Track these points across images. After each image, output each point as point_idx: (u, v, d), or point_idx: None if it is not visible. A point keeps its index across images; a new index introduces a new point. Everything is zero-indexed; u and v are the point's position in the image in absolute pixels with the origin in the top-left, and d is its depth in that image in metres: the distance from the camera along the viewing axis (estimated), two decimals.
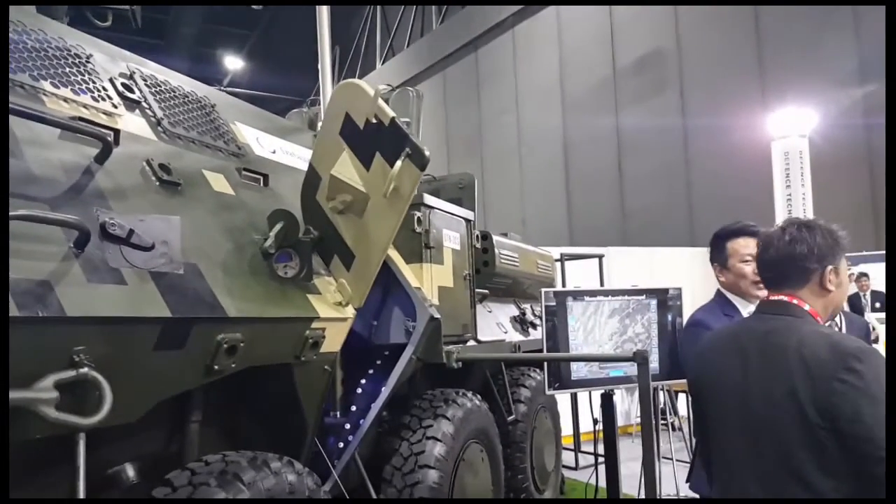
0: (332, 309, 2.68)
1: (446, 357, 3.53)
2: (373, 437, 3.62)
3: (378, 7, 24.09)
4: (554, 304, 3.82)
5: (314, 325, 2.57)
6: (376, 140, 2.39)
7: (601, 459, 3.97)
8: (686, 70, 13.23)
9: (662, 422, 5.37)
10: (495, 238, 4.99)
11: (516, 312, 5.41)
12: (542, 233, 14.08)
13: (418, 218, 3.63)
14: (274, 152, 3.22)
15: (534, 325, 5.42)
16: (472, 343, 4.16)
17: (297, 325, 2.48)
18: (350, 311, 2.79)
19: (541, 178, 16.42)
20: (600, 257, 7.25)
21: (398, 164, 2.28)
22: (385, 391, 3.44)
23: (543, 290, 3.84)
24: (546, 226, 15.46)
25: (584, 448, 7.08)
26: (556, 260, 6.81)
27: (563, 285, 6.86)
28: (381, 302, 3.69)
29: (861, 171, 10.04)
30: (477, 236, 4.37)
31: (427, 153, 2.26)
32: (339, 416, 3.56)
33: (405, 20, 22.68)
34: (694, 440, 2.42)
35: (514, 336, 4.99)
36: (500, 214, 16.61)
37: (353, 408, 3.55)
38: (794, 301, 1.92)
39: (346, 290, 2.75)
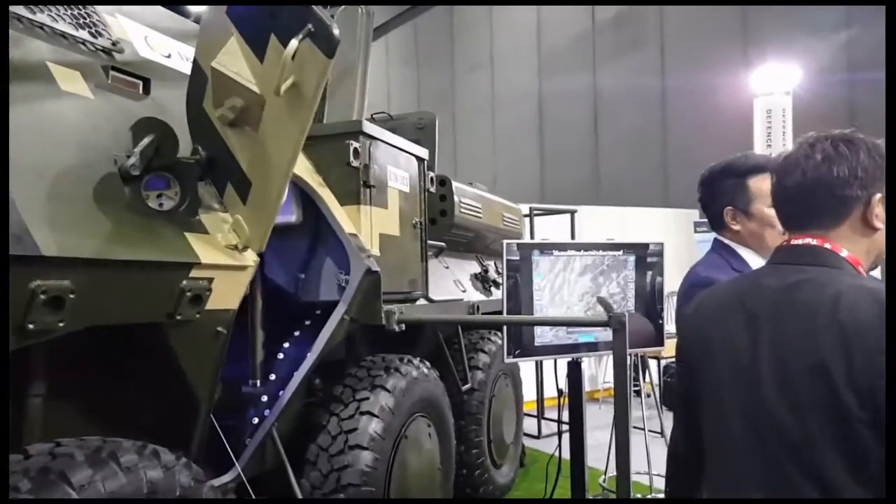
0: (222, 254, 2.06)
1: (386, 318, 2.94)
2: (297, 410, 3.04)
3: None
4: (517, 258, 3.24)
5: (194, 273, 1.95)
6: (273, 18, 1.74)
7: (566, 428, 3.46)
8: (666, 25, 12.65)
9: (635, 387, 4.86)
10: (455, 184, 4.37)
11: (478, 269, 4.84)
12: (514, 192, 13.44)
13: (355, 149, 2.99)
14: (168, 56, 2.54)
15: (496, 284, 4.86)
16: (421, 302, 3.58)
17: (165, 272, 1.86)
18: (249, 258, 2.17)
19: (514, 136, 15.80)
20: (572, 213, 6.69)
21: (293, 44, 1.63)
22: (310, 357, 2.86)
23: (506, 241, 3.25)
24: (518, 185, 14.88)
25: (547, 414, 6.64)
26: (525, 215, 6.24)
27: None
28: (309, 251, 3.08)
29: (843, 128, 9.60)
30: (432, 179, 3.75)
31: (336, 32, 1.61)
32: (258, 385, 2.97)
33: None
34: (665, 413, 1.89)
35: (474, 295, 4.42)
36: (470, 172, 15.92)
37: (273, 376, 2.96)
38: (827, 245, 1.38)
39: (242, 229, 2.12)
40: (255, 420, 2.86)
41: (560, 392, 3.65)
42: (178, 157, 2.00)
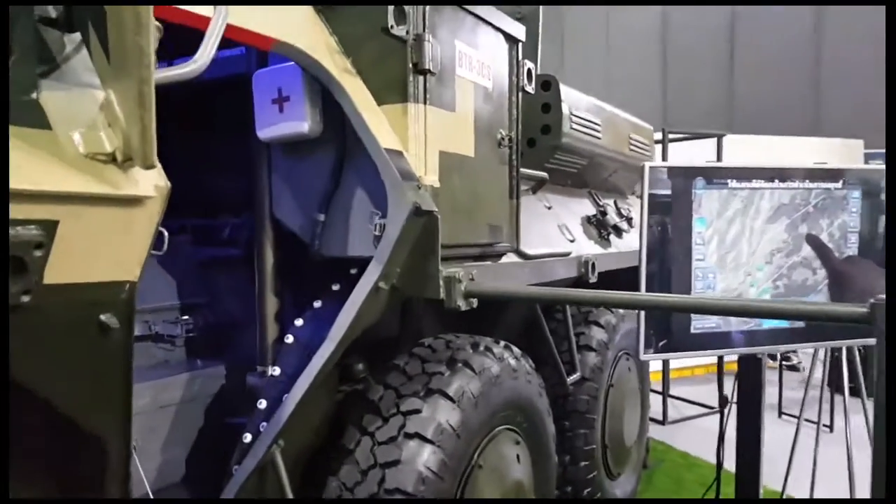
0: (78, 173, 0.98)
1: (446, 289, 1.80)
2: (324, 412, 2.02)
3: None
4: (667, 192, 1.98)
5: (14, 213, 0.89)
6: None
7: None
8: None
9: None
10: (566, 89, 3.09)
11: (592, 211, 3.58)
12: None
13: (401, 8, 1.81)
14: None
15: (618, 231, 3.59)
16: (509, 259, 2.41)
17: None
18: (143, 182, 1.08)
19: (631, 52, 13.80)
20: (719, 137, 5.17)
21: None
22: (327, 345, 1.79)
23: (648, 164, 1.99)
24: (634, 109, 13.09)
25: (675, 389, 5.35)
26: (657, 141, 4.81)
27: None
28: (331, 179, 1.97)
29: None
30: (530, 73, 2.49)
31: None
32: (267, 373, 1.97)
33: None
34: None
35: (586, 247, 3.19)
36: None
37: (277, 370, 1.93)
38: None
39: (117, 121, 1.03)
40: (262, 426, 1.86)
41: (724, 401, 2.37)
42: None
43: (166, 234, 1.42)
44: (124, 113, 1.01)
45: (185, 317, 2.39)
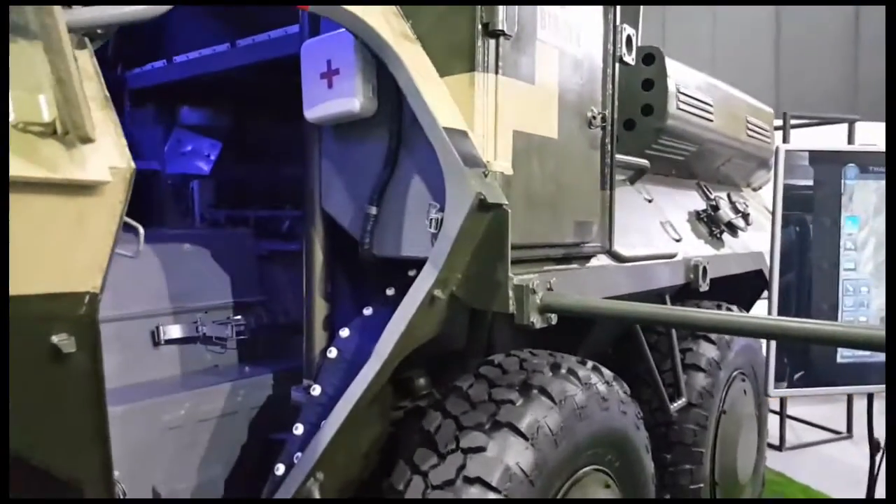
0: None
1: (516, 302, 1.45)
2: (363, 442, 1.73)
3: None
4: (808, 182, 1.54)
5: None
6: None
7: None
8: None
9: None
10: (672, 63, 2.65)
11: (701, 205, 3.10)
12: None
13: None
14: None
15: (733, 228, 3.09)
16: (600, 262, 2.02)
17: None
18: (97, 166, 0.81)
19: (740, 33, 12.72)
20: (851, 123, 4.47)
21: None
22: (373, 363, 1.50)
23: (784, 147, 1.55)
24: (743, 90, 12.10)
25: (793, 409, 4.71)
26: (776, 128, 4.19)
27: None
28: (385, 165, 1.66)
29: None
30: (630, 41, 2.08)
31: None
32: (312, 388, 1.71)
33: None
34: None
35: (696, 248, 2.73)
36: None
37: (317, 389, 1.65)
38: None
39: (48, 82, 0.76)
40: (296, 457, 1.61)
41: (875, 446, 1.87)
42: None
43: (141, 231, 1.16)
44: (56, 79, 0.74)
45: (238, 317, 2.19)
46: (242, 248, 2.42)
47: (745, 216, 3.28)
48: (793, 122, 4.35)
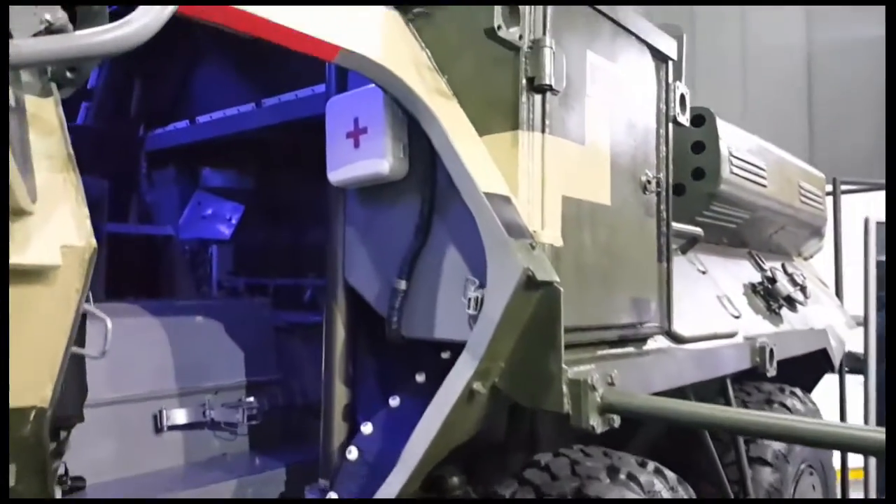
0: None
1: (572, 399, 1.21)
2: None
3: None
4: None
5: None
6: None
7: None
8: None
9: None
10: (723, 125, 2.46)
11: (756, 276, 2.85)
12: None
13: (512, 9, 1.31)
14: None
15: (792, 303, 2.82)
16: (657, 345, 1.78)
17: None
18: (44, 246, 0.62)
19: (772, 97, 12.67)
20: None
21: None
22: (401, 472, 1.26)
23: (874, 218, 1.34)
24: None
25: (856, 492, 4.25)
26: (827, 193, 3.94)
27: (837, 231, 3.96)
28: (416, 234, 1.47)
29: None
30: (682, 98, 1.90)
31: None
32: (329, 489, 1.47)
33: None
34: None
35: (755, 325, 2.47)
36: None
37: (333, 496, 1.42)
38: None
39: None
40: None
41: None
42: None
43: (109, 323, 0.96)
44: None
45: (250, 398, 1.98)
46: (259, 320, 2.24)
47: (803, 289, 3.02)
48: (843, 187, 4.11)
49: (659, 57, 1.81)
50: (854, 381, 3.98)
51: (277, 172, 2.75)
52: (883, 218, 1.32)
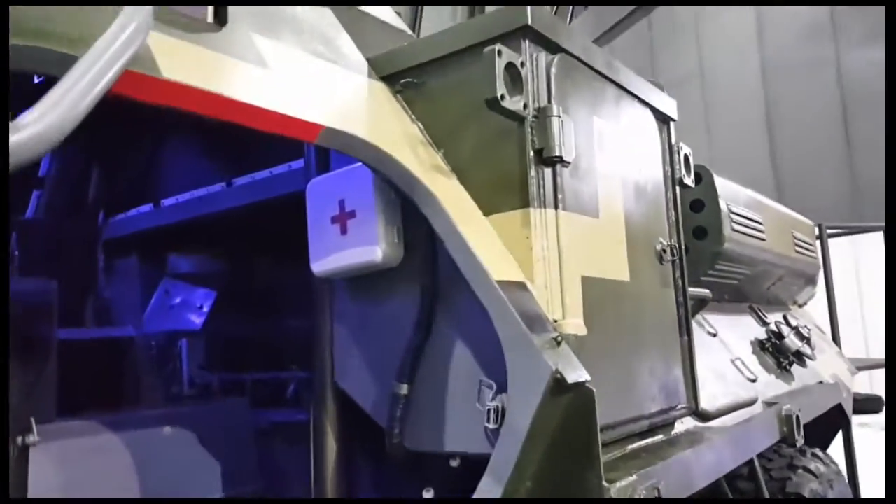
0: None
1: None
2: None
3: None
4: None
5: None
6: None
7: None
8: None
9: None
10: (720, 181, 2.37)
11: (761, 332, 2.72)
12: None
13: (513, 68, 1.18)
14: None
15: (801, 357, 2.68)
16: (686, 424, 1.61)
17: None
18: None
19: (736, 150, 13.12)
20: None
21: None
22: None
23: None
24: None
25: None
26: None
27: (828, 277, 3.90)
28: (417, 329, 1.29)
29: None
30: (686, 159, 1.79)
31: None
32: None
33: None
34: None
35: (770, 387, 2.32)
36: None
37: None
38: None
39: None
40: None
41: None
42: None
43: None
44: None
45: None
46: (236, 423, 2.00)
47: (808, 340, 2.89)
48: (832, 230, 4.08)
49: (660, 118, 1.70)
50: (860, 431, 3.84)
51: (252, 255, 2.56)
52: None
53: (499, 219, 1.21)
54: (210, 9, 1.07)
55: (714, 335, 2.31)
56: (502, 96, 1.13)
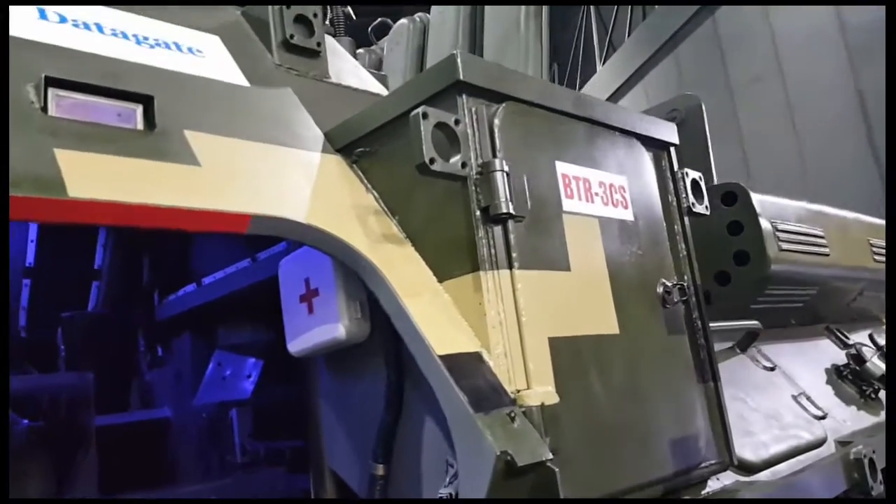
0: None
1: None
2: None
3: (591, 8, 21.44)
4: None
5: None
6: None
7: None
8: None
9: None
10: (759, 199, 2.17)
11: (840, 357, 2.43)
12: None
13: (447, 134, 1.13)
14: None
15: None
16: (720, 481, 1.43)
17: None
18: None
19: (829, 143, 12.07)
20: None
21: None
22: None
23: None
24: (846, 202, 11.10)
25: None
26: None
27: None
28: (388, 406, 1.24)
29: None
30: (694, 184, 1.64)
31: None
32: None
33: (623, 12, 19.64)
34: None
35: (846, 421, 2.05)
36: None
37: None
38: None
39: None
40: None
41: None
42: None
43: None
44: None
45: None
46: (272, 492, 2.01)
47: None
48: None
49: (656, 145, 1.58)
50: None
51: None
52: None
53: (452, 284, 1.15)
54: (139, 114, 1.10)
55: (772, 369, 2.09)
56: (431, 160, 1.08)
